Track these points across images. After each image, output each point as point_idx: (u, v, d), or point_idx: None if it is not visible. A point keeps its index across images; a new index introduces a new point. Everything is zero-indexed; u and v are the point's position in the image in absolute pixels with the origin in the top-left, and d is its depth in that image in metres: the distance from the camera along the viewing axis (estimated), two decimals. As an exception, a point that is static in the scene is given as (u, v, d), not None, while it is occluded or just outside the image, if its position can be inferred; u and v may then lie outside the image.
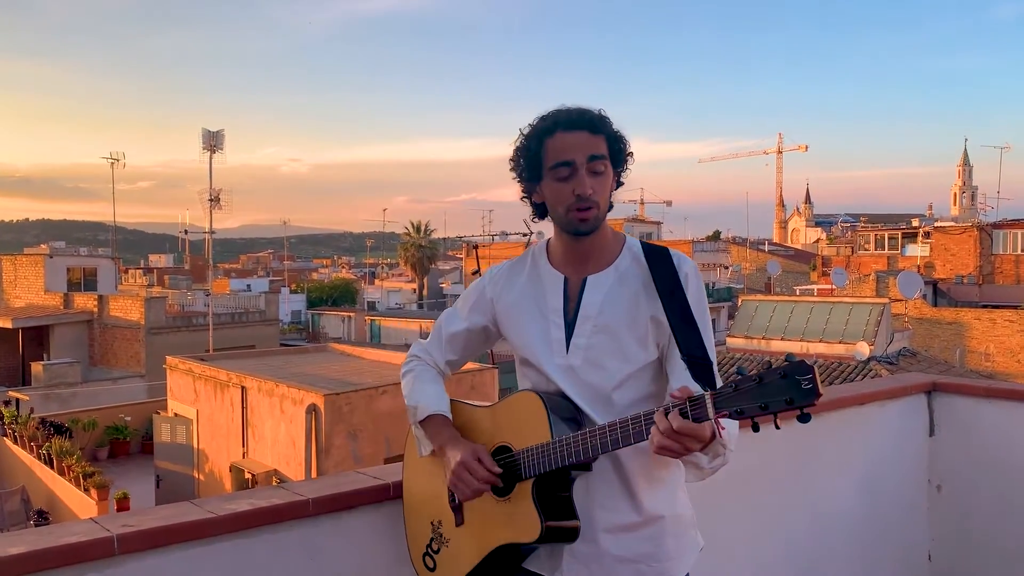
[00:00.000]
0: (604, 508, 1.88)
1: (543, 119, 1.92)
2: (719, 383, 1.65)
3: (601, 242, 1.96)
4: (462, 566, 1.97)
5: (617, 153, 1.92)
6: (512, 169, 1.98)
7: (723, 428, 1.60)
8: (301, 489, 2.26)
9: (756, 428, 1.55)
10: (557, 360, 1.92)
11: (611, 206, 1.96)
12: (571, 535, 1.85)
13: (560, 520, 1.83)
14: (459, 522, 1.98)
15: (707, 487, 2.77)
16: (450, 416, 2.02)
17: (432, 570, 2.05)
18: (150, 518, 2.04)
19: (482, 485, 1.85)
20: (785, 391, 1.49)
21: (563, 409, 1.87)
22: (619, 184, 1.97)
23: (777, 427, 1.53)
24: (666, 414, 1.61)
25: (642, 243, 1.99)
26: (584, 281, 1.94)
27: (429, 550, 2.06)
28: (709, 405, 1.56)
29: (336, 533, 2.24)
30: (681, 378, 1.84)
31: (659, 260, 1.93)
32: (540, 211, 1.98)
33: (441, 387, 2.09)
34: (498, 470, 1.85)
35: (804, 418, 1.49)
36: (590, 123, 1.88)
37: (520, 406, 1.90)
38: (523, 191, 1.98)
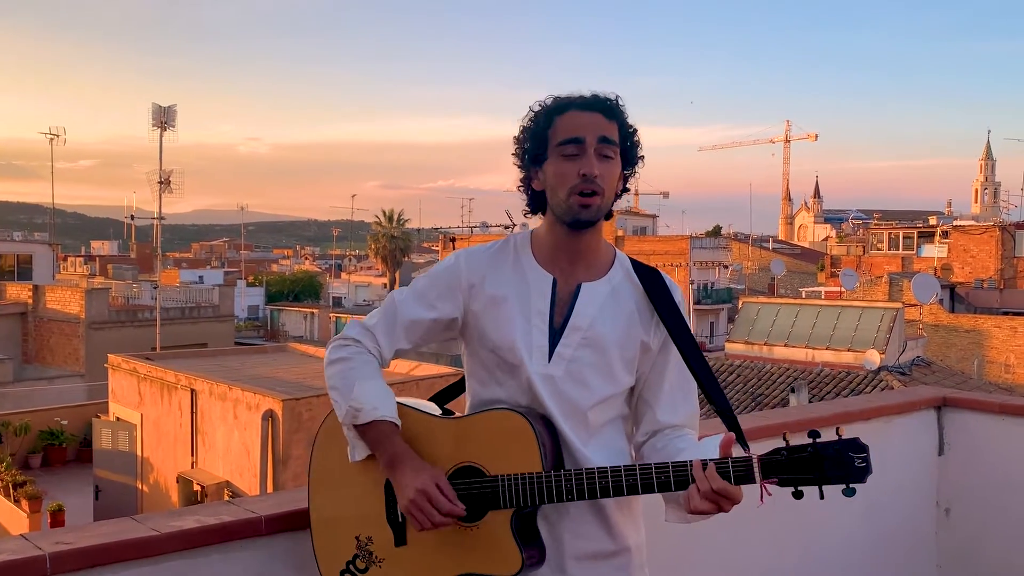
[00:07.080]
0: (575, 535, 1.91)
1: (556, 98, 1.94)
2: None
3: (596, 245, 1.98)
4: None
5: (628, 148, 1.94)
6: (515, 150, 1.98)
7: (770, 494, 1.67)
8: (254, 506, 2.26)
9: (799, 496, 1.66)
10: (537, 367, 1.91)
11: (611, 213, 1.97)
12: (538, 562, 1.87)
13: (529, 548, 1.84)
14: (400, 542, 1.94)
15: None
16: (400, 424, 1.94)
17: None
18: (87, 535, 2.04)
19: (444, 520, 1.81)
20: (837, 467, 1.64)
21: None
22: (625, 189, 1.99)
23: (822, 497, 1.66)
24: (704, 467, 1.68)
25: (631, 260, 2.02)
26: (578, 288, 1.95)
27: (352, 568, 2.00)
28: (756, 471, 1.67)
29: (293, 554, 2.22)
30: (670, 413, 1.97)
31: (653, 282, 1.97)
32: (536, 202, 1.98)
33: (386, 385, 1.97)
34: (462, 506, 1.82)
35: (849, 492, 1.64)
36: (605, 106, 1.91)
37: (500, 426, 1.86)
38: (521, 178, 1.99)
